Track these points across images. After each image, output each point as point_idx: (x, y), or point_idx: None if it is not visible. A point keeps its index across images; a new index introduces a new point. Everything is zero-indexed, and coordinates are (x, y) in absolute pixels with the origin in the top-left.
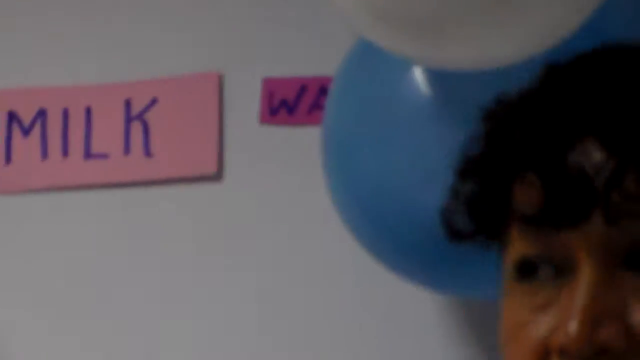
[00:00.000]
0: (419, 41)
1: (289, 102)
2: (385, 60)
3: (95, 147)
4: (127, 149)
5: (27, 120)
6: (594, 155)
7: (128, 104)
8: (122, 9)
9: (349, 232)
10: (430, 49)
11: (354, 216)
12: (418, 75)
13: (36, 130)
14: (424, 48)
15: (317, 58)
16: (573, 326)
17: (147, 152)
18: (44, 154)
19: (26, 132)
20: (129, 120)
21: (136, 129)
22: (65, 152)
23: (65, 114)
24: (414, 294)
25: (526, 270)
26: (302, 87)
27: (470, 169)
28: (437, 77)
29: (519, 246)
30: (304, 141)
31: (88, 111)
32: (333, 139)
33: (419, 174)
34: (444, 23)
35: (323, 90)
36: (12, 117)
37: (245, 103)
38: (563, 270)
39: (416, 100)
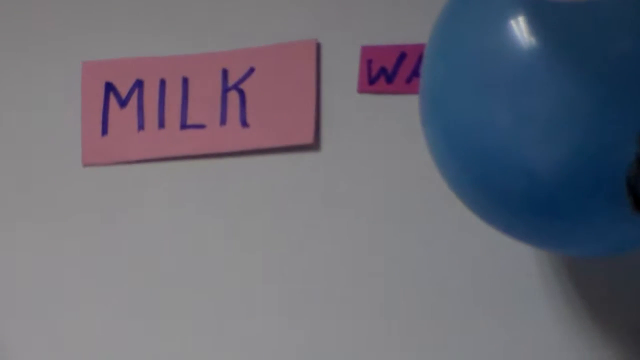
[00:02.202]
0: None
1: (387, 70)
2: (483, 10)
3: (192, 118)
4: (223, 119)
5: (124, 91)
6: None
7: (225, 73)
8: None
9: (451, 194)
10: None
11: (456, 174)
12: (519, 22)
13: (133, 101)
14: None
15: (417, 25)
16: None
17: (244, 122)
18: (140, 125)
19: (123, 103)
20: (225, 90)
21: (233, 98)
22: (161, 122)
23: (162, 85)
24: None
25: None
26: (402, 55)
27: None
28: (540, 24)
29: None
30: (403, 110)
31: (185, 81)
32: (430, 94)
33: (524, 128)
34: None
35: (422, 58)
36: (109, 88)
37: (343, 71)
38: None
39: (519, 49)
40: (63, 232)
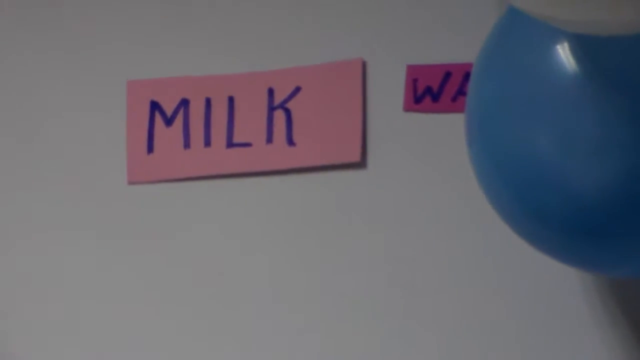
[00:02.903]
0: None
1: (433, 89)
2: (531, 34)
3: (238, 136)
4: (269, 138)
5: (169, 110)
6: None
7: (271, 92)
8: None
9: (497, 215)
10: (589, 11)
11: (500, 194)
12: (563, 49)
13: (178, 120)
14: (582, 11)
15: (462, 44)
16: None
17: (290, 141)
18: (186, 143)
19: (168, 121)
20: (271, 108)
21: (279, 117)
22: (207, 141)
23: (208, 104)
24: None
25: None
26: (447, 74)
27: None
28: (582, 50)
29: None
30: (449, 128)
31: (231, 100)
32: (477, 115)
33: (570, 152)
34: None
35: (468, 77)
36: (154, 106)
37: (389, 90)
38: None
39: (565, 74)
40: (107, 250)
